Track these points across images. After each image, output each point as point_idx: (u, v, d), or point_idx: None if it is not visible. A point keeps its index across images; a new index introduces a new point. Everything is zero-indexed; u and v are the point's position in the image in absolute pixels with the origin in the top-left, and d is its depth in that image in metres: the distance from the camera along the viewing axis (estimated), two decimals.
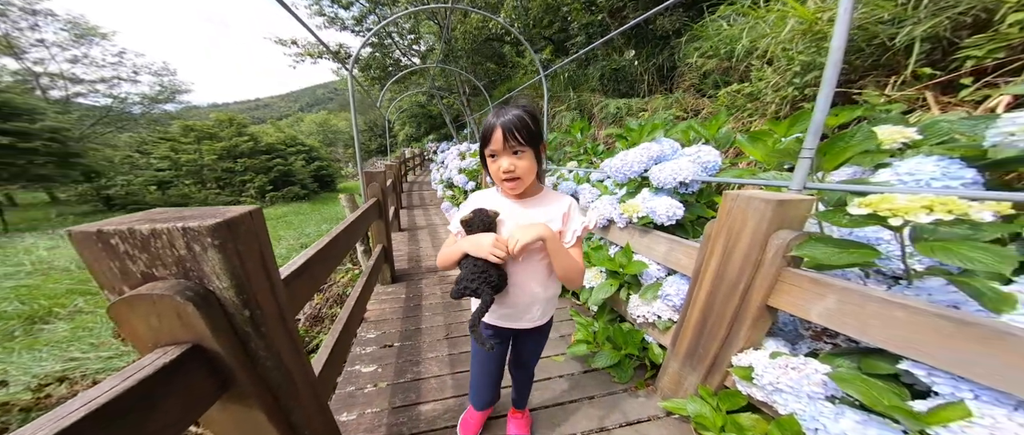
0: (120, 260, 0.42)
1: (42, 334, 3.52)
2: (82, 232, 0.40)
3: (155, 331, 0.44)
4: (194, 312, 0.44)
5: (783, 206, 0.84)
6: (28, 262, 5.62)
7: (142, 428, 0.40)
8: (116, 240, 0.41)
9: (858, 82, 1.57)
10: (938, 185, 0.82)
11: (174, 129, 13.75)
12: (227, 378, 0.54)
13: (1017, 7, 1.03)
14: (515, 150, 0.69)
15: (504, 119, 0.68)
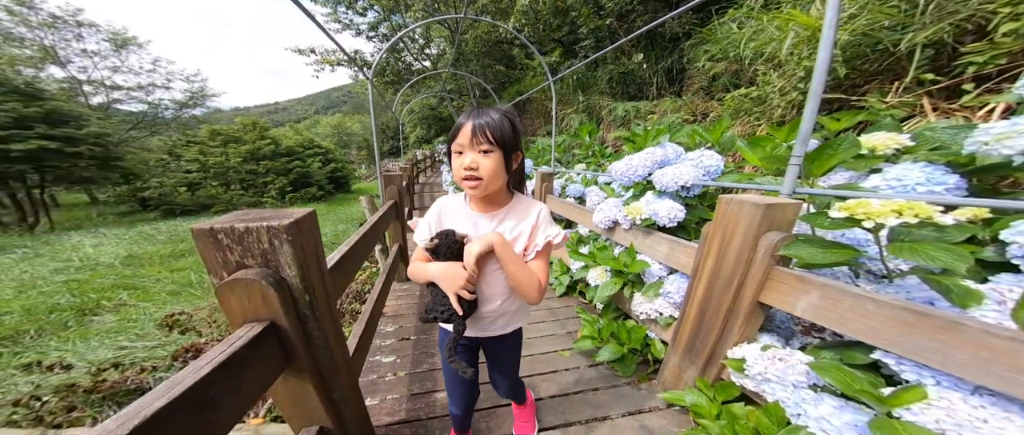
0: (223, 251, 0.55)
1: (92, 325, 3.87)
2: (200, 228, 0.53)
3: (245, 309, 0.57)
4: (273, 294, 0.56)
5: (772, 209, 0.91)
6: (76, 258, 6.14)
7: (237, 389, 0.52)
8: (222, 235, 0.54)
9: (864, 87, 1.59)
10: (923, 190, 0.87)
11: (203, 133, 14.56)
12: (290, 354, 0.66)
13: (1011, 17, 1.05)
14: (483, 149, 0.65)
15: (476, 116, 0.65)
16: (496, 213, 0.75)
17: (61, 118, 9.94)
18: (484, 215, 0.76)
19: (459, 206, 0.79)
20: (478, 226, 0.75)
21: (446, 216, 0.79)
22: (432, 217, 0.80)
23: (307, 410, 0.80)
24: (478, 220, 0.76)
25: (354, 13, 9.07)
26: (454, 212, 0.79)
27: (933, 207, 0.65)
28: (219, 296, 0.55)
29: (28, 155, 9.10)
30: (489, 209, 0.76)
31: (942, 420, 0.60)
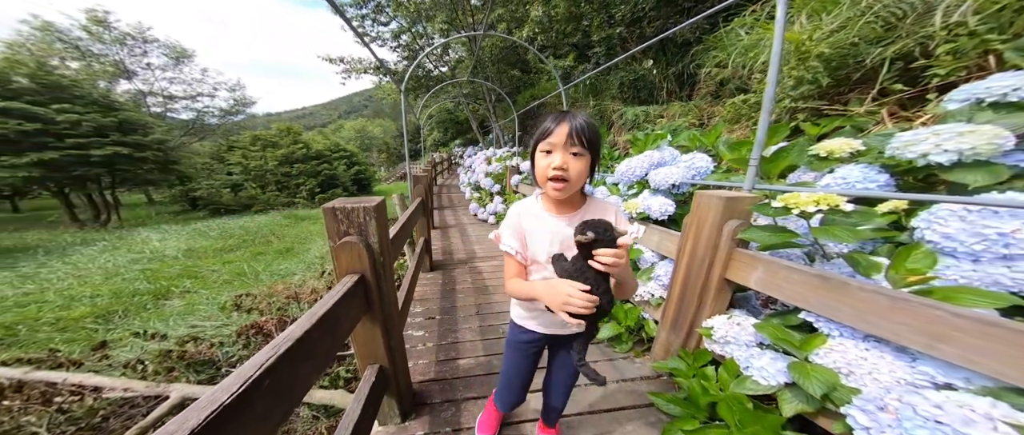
0: (337, 223, 0.86)
1: (165, 307, 4.53)
2: (325, 207, 0.86)
3: (350, 263, 0.88)
4: (366, 254, 0.87)
5: (732, 201, 1.13)
6: (146, 251, 7.06)
7: (338, 328, 0.81)
8: (338, 213, 0.86)
9: (846, 95, 1.74)
10: (860, 186, 1.06)
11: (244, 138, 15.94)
12: (371, 302, 0.97)
13: (947, 39, 1.20)
14: (574, 150, 0.65)
15: (572, 118, 0.65)
16: (573, 214, 0.74)
17: (131, 126, 11.34)
18: (561, 217, 0.74)
19: (536, 208, 0.77)
20: (556, 228, 0.73)
21: (525, 223, 0.77)
22: (513, 224, 0.78)
23: (374, 351, 1.11)
24: (554, 222, 0.74)
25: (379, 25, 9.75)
26: (532, 215, 0.77)
27: (840, 198, 0.86)
28: (335, 252, 0.87)
29: (104, 160, 10.47)
30: (566, 211, 0.74)
31: (838, 361, 0.81)
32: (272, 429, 0.51)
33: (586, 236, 0.58)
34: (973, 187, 0.82)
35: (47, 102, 9.42)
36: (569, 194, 0.70)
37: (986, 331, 0.59)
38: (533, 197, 0.80)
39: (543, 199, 0.77)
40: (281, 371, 0.52)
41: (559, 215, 0.75)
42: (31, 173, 9.23)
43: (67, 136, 9.64)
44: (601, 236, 0.58)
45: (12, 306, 4.13)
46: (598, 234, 0.58)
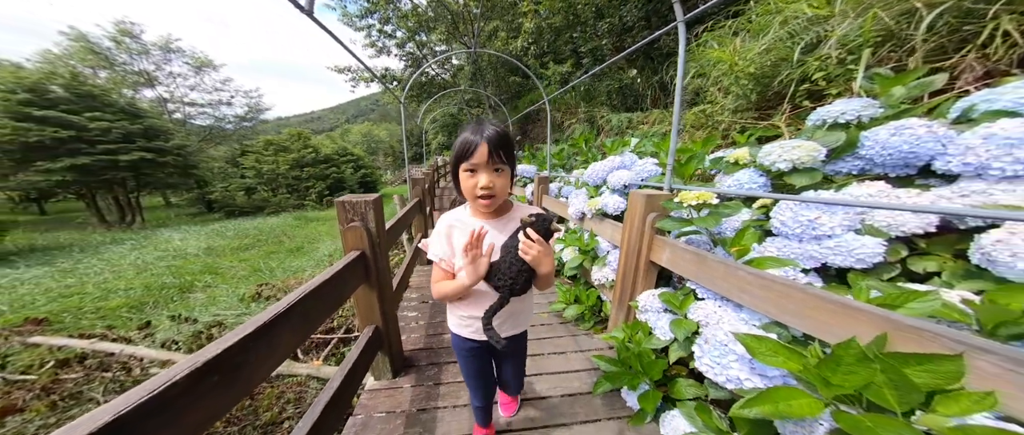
0: (346, 212, 1.21)
1: (190, 299, 4.98)
2: (338, 200, 1.20)
3: (355, 242, 1.22)
4: (365, 235, 1.21)
5: (651, 197, 1.43)
6: (170, 249, 7.61)
7: (344, 289, 1.16)
8: (346, 204, 1.20)
9: (776, 108, 2.03)
10: (748, 186, 1.36)
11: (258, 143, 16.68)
12: (368, 273, 1.31)
13: (819, 68, 1.48)
14: (496, 167, 0.69)
15: (488, 135, 0.67)
16: (501, 219, 0.80)
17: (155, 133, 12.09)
18: (490, 221, 0.79)
19: (466, 217, 0.82)
20: (490, 232, 0.77)
21: (455, 232, 0.81)
22: (441, 234, 0.82)
23: (370, 313, 1.45)
24: (486, 227, 0.77)
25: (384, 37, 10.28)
26: (462, 226, 0.80)
27: (710, 195, 1.17)
28: (343, 234, 1.21)
29: (131, 165, 11.20)
30: (495, 216, 0.80)
31: (701, 315, 1.11)
32: (299, 341, 0.85)
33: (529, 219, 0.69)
34: (798, 187, 1.12)
35: (81, 111, 10.18)
36: (497, 205, 0.77)
37: (766, 285, 0.89)
38: (463, 207, 0.85)
39: (472, 208, 0.83)
40: (305, 305, 0.85)
41: (490, 220, 0.81)
42: (65, 177, 9.97)
43: (98, 142, 10.38)
44: (538, 225, 0.69)
45: (57, 297, 4.62)
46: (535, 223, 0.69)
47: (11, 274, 5.77)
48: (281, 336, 0.72)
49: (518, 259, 0.70)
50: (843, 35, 1.44)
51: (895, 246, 0.98)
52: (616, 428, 1.34)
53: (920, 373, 0.54)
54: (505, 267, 0.73)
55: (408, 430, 1.33)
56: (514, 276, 0.73)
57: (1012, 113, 0.85)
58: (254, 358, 0.63)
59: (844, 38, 1.45)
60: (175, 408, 0.46)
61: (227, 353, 0.57)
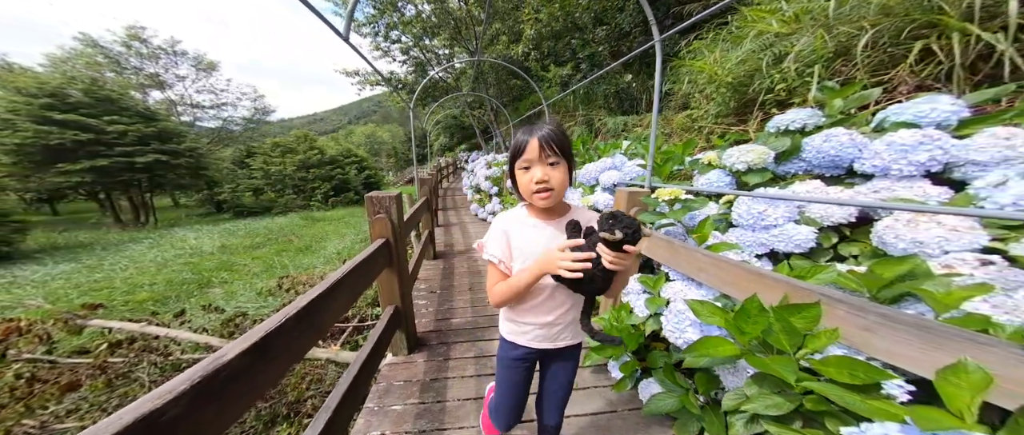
0: (374, 205, 1.45)
1: (209, 293, 5.26)
2: (367, 196, 1.44)
3: (380, 232, 1.46)
4: (390, 226, 1.45)
5: (634, 194, 1.65)
6: (186, 247, 7.93)
7: (373, 268, 1.39)
8: (374, 200, 1.44)
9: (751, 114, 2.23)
10: (716, 184, 1.57)
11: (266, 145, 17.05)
12: (391, 258, 1.55)
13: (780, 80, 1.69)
14: (551, 161, 0.68)
15: (541, 131, 0.68)
16: (560, 220, 0.77)
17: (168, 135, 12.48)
18: (549, 223, 0.77)
19: (523, 218, 0.79)
20: (545, 234, 0.76)
21: (513, 233, 0.78)
22: (498, 234, 0.79)
23: (392, 294, 1.69)
24: (544, 229, 0.76)
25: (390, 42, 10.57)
26: (521, 225, 0.78)
27: (680, 191, 1.38)
28: (371, 225, 1.45)
29: (146, 166, 11.59)
30: (553, 217, 0.77)
31: (670, 293, 1.33)
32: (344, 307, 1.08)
33: (615, 235, 0.58)
34: (751, 185, 1.33)
35: (99, 114, 10.57)
36: (556, 201, 0.73)
37: (716, 264, 1.10)
38: (520, 207, 0.81)
39: (529, 209, 0.79)
40: (350, 280, 1.08)
41: (548, 221, 0.77)
42: (84, 178, 10.37)
43: (115, 145, 10.77)
44: (628, 238, 0.58)
45: (88, 291, 4.93)
46: (626, 235, 0.58)
47: (41, 270, 6.11)
48: (338, 300, 0.96)
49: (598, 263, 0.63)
50: (800, 50, 1.65)
51: (827, 234, 1.19)
52: (603, 395, 1.56)
53: (798, 320, 0.75)
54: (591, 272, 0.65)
55: (423, 395, 1.56)
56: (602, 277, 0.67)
57: (911, 124, 1.06)
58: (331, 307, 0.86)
59: (801, 53, 1.65)
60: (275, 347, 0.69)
61: (309, 307, 0.80)
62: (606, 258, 0.61)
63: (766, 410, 0.80)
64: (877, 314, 0.67)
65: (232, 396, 0.56)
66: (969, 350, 0.53)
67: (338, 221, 12.05)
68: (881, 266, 0.84)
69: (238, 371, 0.56)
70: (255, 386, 0.63)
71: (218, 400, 0.52)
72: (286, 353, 0.72)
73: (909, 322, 0.62)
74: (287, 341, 0.72)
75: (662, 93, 4.71)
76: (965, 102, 1.04)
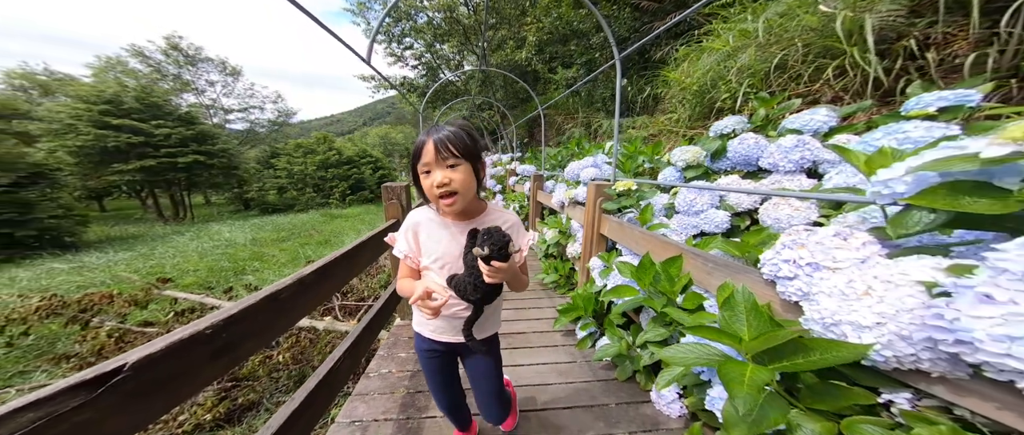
0: (388, 195, 1.86)
1: (243, 280, 5.92)
2: (384, 186, 1.86)
3: (392, 213, 1.87)
4: (400, 208, 1.85)
5: (600, 186, 1.98)
6: (222, 239, 8.77)
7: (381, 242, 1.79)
8: (388, 189, 1.86)
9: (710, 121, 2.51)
10: (668, 178, 1.88)
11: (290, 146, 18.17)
12: None
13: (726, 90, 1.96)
14: (449, 163, 0.67)
15: (437, 133, 0.67)
16: (470, 222, 0.76)
17: (205, 138, 13.63)
18: (459, 224, 0.76)
19: (433, 217, 0.78)
20: (453, 233, 0.76)
21: (422, 229, 0.78)
22: (408, 231, 0.79)
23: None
24: (453, 228, 0.76)
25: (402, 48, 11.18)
26: (430, 224, 0.78)
27: (631, 183, 1.71)
28: (386, 208, 1.86)
29: (186, 166, 12.74)
30: (464, 219, 0.77)
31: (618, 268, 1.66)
32: (368, 262, 1.48)
33: (483, 251, 0.62)
34: (689, 178, 1.64)
35: (148, 119, 11.75)
36: (463, 205, 0.71)
37: (646, 239, 1.43)
38: (430, 207, 0.80)
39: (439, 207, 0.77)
40: (363, 248, 1.48)
41: (457, 222, 0.77)
42: (134, 176, 11.55)
43: (161, 146, 11.93)
44: (495, 254, 0.62)
45: (146, 275, 5.67)
46: (492, 252, 0.62)
47: (105, 258, 7.01)
48: (363, 255, 1.36)
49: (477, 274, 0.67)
50: (741, 65, 1.93)
51: (741, 217, 1.49)
52: (568, 351, 1.90)
53: (673, 271, 1.08)
54: (470, 283, 0.70)
55: None
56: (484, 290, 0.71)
57: (796, 131, 1.35)
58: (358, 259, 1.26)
59: (742, 68, 1.94)
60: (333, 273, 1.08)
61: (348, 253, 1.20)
62: (483, 271, 0.65)
63: (655, 338, 1.13)
64: (711, 262, 0.99)
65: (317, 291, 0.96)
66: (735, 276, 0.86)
67: (354, 218, 12.79)
68: (750, 236, 1.16)
69: (310, 282, 0.95)
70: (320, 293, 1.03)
71: (305, 293, 0.92)
72: (329, 281, 1.12)
73: (719, 262, 0.95)
74: (333, 275, 1.12)
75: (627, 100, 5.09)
76: (837, 114, 1.32)
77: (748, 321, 0.70)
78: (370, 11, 10.33)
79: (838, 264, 0.62)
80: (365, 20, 10.62)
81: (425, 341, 0.88)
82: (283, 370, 2.65)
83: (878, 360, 0.53)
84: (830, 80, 1.67)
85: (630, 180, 1.78)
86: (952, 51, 1.49)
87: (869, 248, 0.62)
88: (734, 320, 0.71)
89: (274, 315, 0.78)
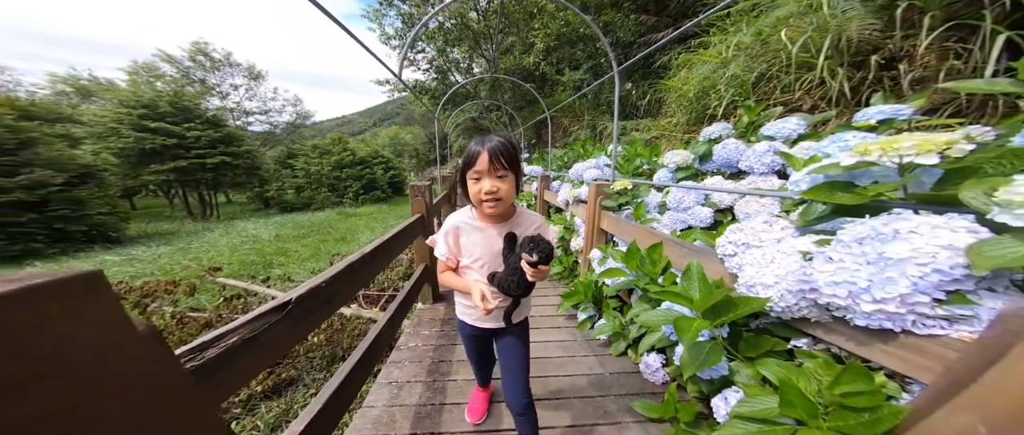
0: (414, 192, 2.15)
1: (273, 271, 6.38)
2: (411, 185, 2.15)
3: (417, 209, 2.16)
4: (424, 205, 2.14)
5: (600, 186, 2.20)
6: (248, 235, 9.37)
7: (412, 233, 2.07)
8: (414, 188, 2.15)
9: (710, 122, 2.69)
10: (661, 179, 2.09)
11: (306, 146, 18.94)
12: (424, 227, 2.25)
13: (716, 98, 2.14)
14: (499, 174, 0.76)
15: (490, 145, 0.75)
16: (504, 225, 0.86)
17: (231, 139, 14.43)
18: (494, 226, 0.86)
19: (470, 220, 0.88)
20: (489, 236, 0.86)
21: (462, 233, 0.89)
22: (448, 234, 0.90)
23: (422, 255, 2.40)
24: (488, 230, 0.86)
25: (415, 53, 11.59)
26: (466, 227, 0.89)
27: (627, 183, 1.93)
28: (412, 204, 2.14)
29: (213, 167, 13.54)
30: (498, 221, 0.87)
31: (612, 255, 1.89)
32: (400, 249, 1.76)
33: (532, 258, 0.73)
34: (679, 179, 1.85)
35: (180, 122, 12.57)
36: (502, 210, 0.82)
37: (637, 230, 1.65)
38: (468, 209, 0.90)
39: (478, 212, 0.88)
40: (397, 239, 1.75)
41: (493, 224, 0.87)
42: (168, 177, 12.39)
43: (192, 148, 12.75)
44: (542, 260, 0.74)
45: (185, 267, 6.21)
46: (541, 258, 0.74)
47: (148, 251, 7.65)
48: (398, 243, 1.65)
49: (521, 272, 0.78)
50: (729, 76, 2.12)
51: (724, 213, 1.69)
52: (570, 332, 2.14)
53: (655, 256, 1.31)
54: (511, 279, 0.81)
55: (443, 327, 2.23)
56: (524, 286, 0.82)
57: (770, 137, 1.55)
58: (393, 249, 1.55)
59: (731, 78, 2.13)
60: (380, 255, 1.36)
61: (387, 242, 1.48)
62: (527, 272, 0.77)
63: (640, 313, 1.36)
64: (685, 248, 1.22)
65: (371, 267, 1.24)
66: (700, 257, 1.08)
67: (368, 216, 13.30)
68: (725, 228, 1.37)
69: (368, 259, 1.23)
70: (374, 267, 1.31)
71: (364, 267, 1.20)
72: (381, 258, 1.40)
73: (691, 248, 1.17)
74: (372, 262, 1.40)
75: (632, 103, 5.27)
76: (805, 123, 1.51)
77: (699, 288, 0.93)
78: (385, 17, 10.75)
79: (762, 243, 0.85)
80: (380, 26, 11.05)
81: (468, 327, 1.03)
82: (317, 351, 2.99)
83: (777, 309, 0.76)
84: (811, 90, 1.85)
85: (626, 180, 2.00)
86: (922, 63, 1.65)
87: (786, 231, 0.84)
88: (689, 287, 0.94)
89: (350, 281, 1.06)
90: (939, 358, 0.54)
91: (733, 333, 0.96)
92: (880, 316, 0.57)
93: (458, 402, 1.46)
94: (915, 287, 0.53)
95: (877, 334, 0.61)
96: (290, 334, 0.71)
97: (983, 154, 0.60)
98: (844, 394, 0.61)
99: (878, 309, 0.56)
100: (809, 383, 0.67)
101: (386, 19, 10.78)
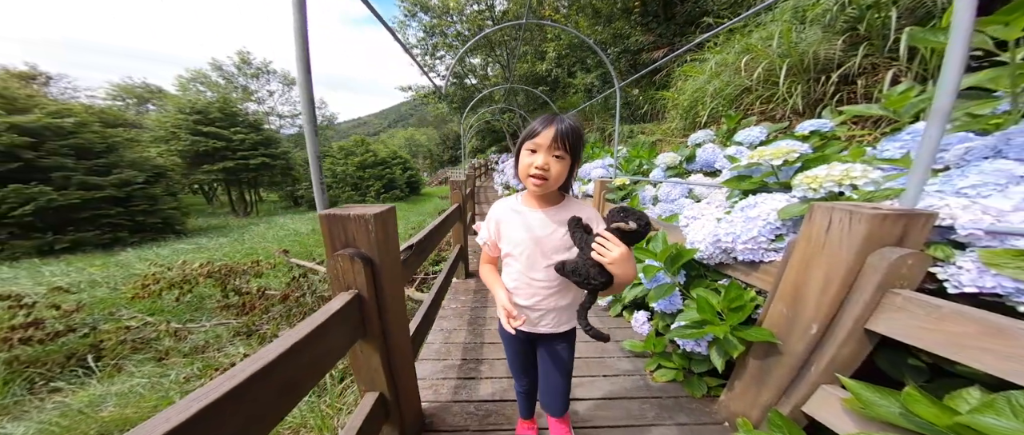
0: (453, 185, 2.69)
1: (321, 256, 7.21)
2: (451, 180, 2.68)
3: (455, 198, 2.69)
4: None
5: (603, 182, 2.65)
6: (288, 229, 10.41)
7: (453, 219, 2.62)
8: (453, 182, 2.68)
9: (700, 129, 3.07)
10: (658, 177, 2.52)
11: (333, 148, 20.26)
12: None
13: (703, 108, 2.52)
14: (557, 153, 0.72)
15: (561, 124, 0.70)
16: (549, 210, 0.82)
17: (270, 142, 15.79)
18: (540, 211, 0.82)
19: (515, 206, 0.85)
20: (531, 220, 0.81)
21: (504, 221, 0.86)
22: (492, 222, 0.89)
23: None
24: (532, 215, 0.82)
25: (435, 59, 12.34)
26: (508, 214, 0.86)
27: (625, 180, 2.38)
28: (451, 195, 2.68)
29: (255, 167, 14.91)
30: (543, 205, 0.83)
31: None
32: (445, 231, 2.31)
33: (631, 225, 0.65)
34: (668, 175, 2.28)
35: (228, 126, 13.97)
36: (547, 191, 0.78)
37: None
38: (515, 197, 0.88)
39: (524, 196, 0.85)
40: (446, 222, 2.30)
41: (538, 208, 0.83)
42: (218, 176, 13.82)
43: (237, 150, 14.14)
44: (642, 229, 0.66)
45: (245, 254, 7.15)
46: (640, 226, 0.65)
47: (212, 241, 8.77)
48: (447, 225, 2.19)
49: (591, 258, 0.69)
50: (716, 88, 2.52)
51: None
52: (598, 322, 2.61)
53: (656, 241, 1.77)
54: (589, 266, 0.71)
55: (475, 296, 2.75)
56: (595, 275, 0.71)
57: (739, 143, 1.96)
58: (442, 230, 2.10)
59: (715, 91, 2.52)
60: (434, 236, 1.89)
61: (440, 225, 2.03)
62: (597, 249, 0.68)
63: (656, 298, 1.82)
64: (663, 226, 1.67)
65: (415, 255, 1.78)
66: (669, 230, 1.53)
67: None
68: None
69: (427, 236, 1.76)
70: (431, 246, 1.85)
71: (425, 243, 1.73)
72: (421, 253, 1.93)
73: (667, 226, 1.63)
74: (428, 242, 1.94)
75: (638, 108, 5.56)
76: (768, 131, 1.91)
77: (662, 247, 1.40)
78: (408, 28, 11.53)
79: (702, 216, 1.31)
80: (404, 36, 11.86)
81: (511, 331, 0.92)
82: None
83: (704, 257, 1.22)
84: (784, 102, 2.23)
85: (624, 178, 2.45)
86: (877, 78, 2.01)
87: (720, 209, 1.30)
88: (656, 246, 1.41)
89: (430, 242, 1.60)
90: (772, 273, 1.00)
91: (688, 282, 1.42)
92: (747, 251, 1.04)
93: (494, 342, 1.98)
94: (760, 233, 1.00)
95: (750, 266, 1.07)
96: (416, 261, 1.27)
97: (811, 158, 1.05)
98: (730, 303, 1.07)
99: (745, 247, 1.03)
100: (714, 299, 1.13)
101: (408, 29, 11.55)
